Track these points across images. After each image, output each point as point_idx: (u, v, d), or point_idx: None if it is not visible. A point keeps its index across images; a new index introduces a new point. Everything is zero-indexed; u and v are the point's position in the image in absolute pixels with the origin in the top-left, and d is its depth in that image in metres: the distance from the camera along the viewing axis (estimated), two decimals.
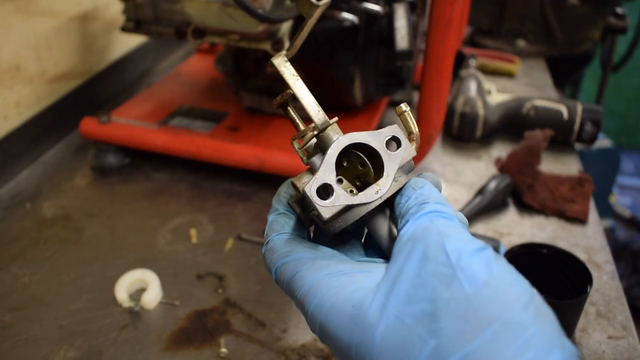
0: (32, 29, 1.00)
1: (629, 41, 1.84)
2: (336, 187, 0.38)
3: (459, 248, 0.32)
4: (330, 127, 0.40)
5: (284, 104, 0.44)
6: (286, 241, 0.40)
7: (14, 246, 0.83)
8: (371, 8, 0.90)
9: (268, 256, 0.40)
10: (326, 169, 0.38)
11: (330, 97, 1.05)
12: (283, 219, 0.42)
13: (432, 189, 0.38)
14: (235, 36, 0.91)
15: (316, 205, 0.37)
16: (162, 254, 0.82)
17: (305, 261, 0.38)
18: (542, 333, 0.29)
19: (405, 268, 0.33)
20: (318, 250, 0.39)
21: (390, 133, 0.40)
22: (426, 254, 0.32)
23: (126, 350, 0.67)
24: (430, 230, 0.34)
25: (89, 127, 1.00)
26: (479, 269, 0.31)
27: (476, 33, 1.60)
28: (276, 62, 0.42)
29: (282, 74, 0.41)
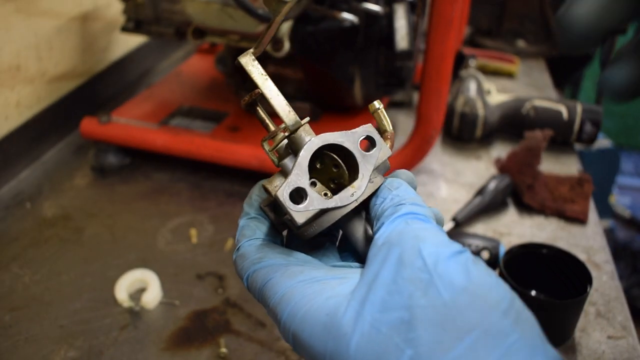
0: (33, 29, 1.00)
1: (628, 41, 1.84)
2: (310, 191, 0.36)
3: (436, 252, 0.31)
4: (302, 128, 0.39)
5: (252, 103, 0.42)
6: (258, 247, 0.39)
7: (14, 246, 0.83)
8: (371, 8, 0.90)
9: (239, 263, 0.39)
10: (299, 172, 0.36)
11: (330, 97, 1.06)
12: (255, 224, 0.41)
13: (408, 190, 0.37)
14: (235, 36, 0.91)
15: (289, 210, 0.35)
16: (162, 254, 0.82)
17: (277, 268, 0.36)
18: (523, 340, 0.28)
19: (380, 274, 0.31)
20: (291, 256, 0.38)
21: (364, 133, 0.39)
22: (402, 259, 0.31)
23: (126, 350, 0.67)
24: (405, 234, 0.32)
25: (89, 127, 1.00)
26: (456, 274, 0.30)
27: (476, 33, 1.60)
28: (243, 61, 0.39)
29: (250, 73, 0.39)
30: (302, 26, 0.92)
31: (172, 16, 1.02)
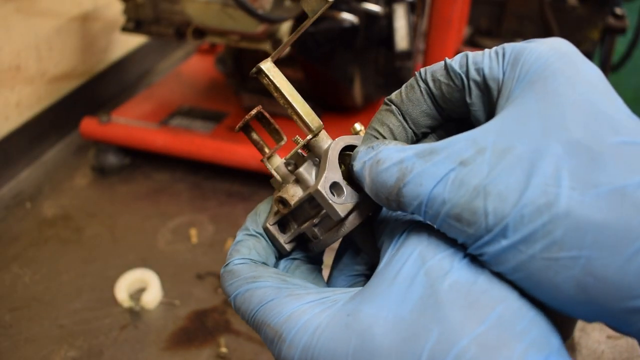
0: (33, 29, 1.00)
1: (628, 41, 1.84)
2: (344, 185, 0.36)
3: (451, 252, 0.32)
4: (323, 132, 0.39)
5: (246, 126, 0.42)
6: (252, 266, 0.38)
7: (14, 246, 0.83)
8: (371, 8, 0.90)
9: (228, 279, 0.37)
10: (332, 168, 0.36)
11: (330, 97, 1.06)
12: (251, 242, 0.40)
13: None
14: (235, 36, 0.91)
15: (332, 203, 0.35)
16: (162, 254, 0.82)
17: (277, 290, 0.35)
18: (541, 316, 0.30)
19: (402, 270, 0.32)
20: (287, 279, 0.37)
21: None
22: (422, 254, 0.32)
23: (126, 350, 0.67)
24: (422, 234, 0.33)
25: (89, 127, 1.00)
26: (467, 271, 0.31)
27: (476, 33, 1.60)
28: (265, 67, 0.38)
29: (272, 78, 0.38)
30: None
31: (172, 16, 1.02)
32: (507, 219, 0.29)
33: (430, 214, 0.32)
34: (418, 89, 0.37)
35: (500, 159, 0.30)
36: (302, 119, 0.39)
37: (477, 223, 0.30)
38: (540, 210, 0.28)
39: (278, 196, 0.39)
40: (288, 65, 1.06)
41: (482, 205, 0.29)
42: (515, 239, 0.29)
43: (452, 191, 0.30)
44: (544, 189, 0.28)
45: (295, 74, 1.06)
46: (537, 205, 0.28)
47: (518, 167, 0.29)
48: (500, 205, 0.29)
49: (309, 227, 0.39)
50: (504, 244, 0.29)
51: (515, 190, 0.29)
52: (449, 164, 0.31)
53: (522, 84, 0.33)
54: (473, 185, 0.30)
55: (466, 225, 0.30)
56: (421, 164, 0.32)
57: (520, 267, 0.29)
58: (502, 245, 0.29)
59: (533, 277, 0.29)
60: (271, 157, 0.41)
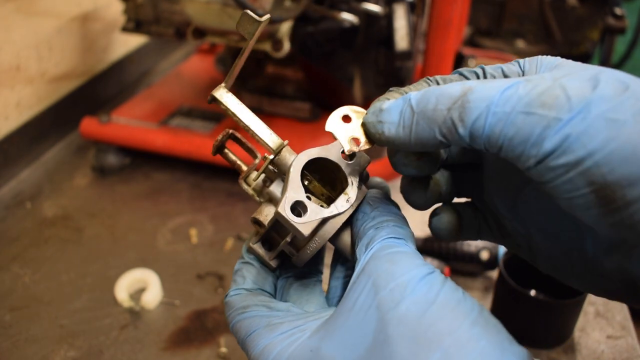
0: (33, 29, 1.00)
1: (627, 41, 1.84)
2: (308, 203, 0.37)
3: (408, 274, 0.32)
4: (285, 149, 0.39)
5: (221, 147, 0.43)
6: (243, 296, 0.41)
7: (14, 246, 0.83)
8: (371, 9, 0.90)
9: (226, 310, 0.41)
10: (294, 187, 0.37)
11: (330, 97, 1.06)
12: (246, 270, 0.42)
13: (387, 207, 0.39)
14: (235, 36, 0.91)
15: (294, 223, 0.35)
16: (162, 254, 0.82)
17: (260, 320, 0.38)
18: (493, 344, 0.29)
19: (356, 302, 0.33)
20: (272, 307, 0.39)
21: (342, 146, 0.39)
22: (376, 284, 0.33)
23: (126, 350, 0.67)
24: (380, 260, 0.34)
25: (89, 127, 1.00)
26: (426, 292, 0.31)
27: (476, 33, 1.60)
28: (217, 94, 0.39)
29: (226, 105, 0.39)
30: (302, 26, 0.93)
31: (172, 16, 1.02)
32: (590, 98, 0.29)
33: (500, 113, 0.30)
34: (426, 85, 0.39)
35: (561, 76, 0.30)
36: (261, 140, 0.40)
37: (559, 105, 0.29)
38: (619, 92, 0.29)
39: (252, 217, 0.41)
40: (288, 65, 1.06)
41: (562, 91, 0.29)
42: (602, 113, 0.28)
43: (526, 88, 0.30)
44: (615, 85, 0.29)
45: (295, 74, 1.06)
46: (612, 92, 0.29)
47: (582, 76, 0.30)
48: (580, 92, 0.29)
49: (285, 245, 0.40)
50: (588, 121, 0.28)
51: (587, 87, 0.29)
52: (514, 80, 0.31)
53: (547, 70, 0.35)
54: (547, 83, 0.30)
55: (547, 109, 0.29)
56: (483, 82, 0.32)
57: (605, 144, 0.28)
58: (587, 123, 0.28)
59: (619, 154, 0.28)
60: (248, 176, 0.42)
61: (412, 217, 0.97)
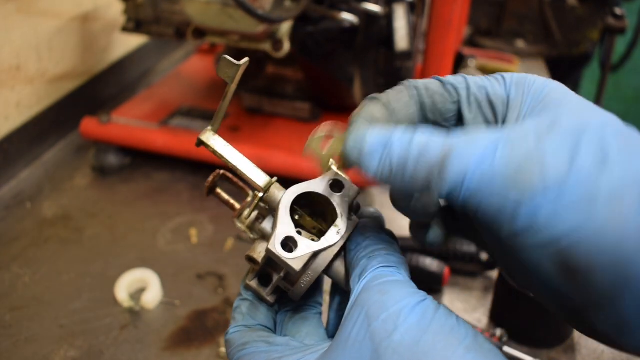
0: (33, 29, 1.00)
1: (627, 41, 1.84)
2: (298, 238, 0.37)
3: (400, 303, 0.33)
4: (274, 185, 0.40)
5: (212, 188, 0.44)
6: (242, 333, 0.41)
7: (14, 246, 0.83)
8: (371, 9, 0.90)
9: (227, 348, 0.41)
10: (283, 223, 0.38)
11: (330, 97, 1.06)
12: (244, 307, 0.43)
13: (379, 234, 0.39)
14: (235, 36, 0.91)
15: (285, 259, 0.36)
16: (162, 254, 0.82)
17: (259, 356, 0.39)
18: None
19: (351, 334, 0.33)
20: (272, 342, 0.40)
21: (330, 177, 0.40)
22: (369, 315, 0.33)
23: (126, 350, 0.67)
24: (372, 290, 0.34)
25: (89, 127, 1.00)
26: (419, 320, 0.31)
27: (476, 33, 1.60)
28: (204, 138, 0.40)
29: (213, 147, 0.40)
30: (302, 26, 0.93)
31: (172, 16, 1.02)
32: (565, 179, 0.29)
33: (476, 184, 0.31)
34: (406, 94, 0.37)
35: (544, 133, 0.30)
36: (249, 180, 0.41)
37: (533, 184, 0.29)
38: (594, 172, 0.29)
39: (246, 255, 0.42)
40: (288, 65, 1.06)
41: (539, 166, 0.29)
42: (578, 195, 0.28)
43: (504, 155, 0.30)
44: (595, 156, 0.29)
45: (295, 74, 1.06)
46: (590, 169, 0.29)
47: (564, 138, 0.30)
48: (556, 168, 0.29)
49: (280, 281, 0.41)
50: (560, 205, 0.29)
51: (565, 159, 0.29)
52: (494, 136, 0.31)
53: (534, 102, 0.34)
54: (528, 148, 0.30)
55: (521, 186, 0.29)
56: (464, 139, 0.32)
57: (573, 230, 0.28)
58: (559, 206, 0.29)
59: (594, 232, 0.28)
60: (241, 214, 0.43)
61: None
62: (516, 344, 0.68)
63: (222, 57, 0.39)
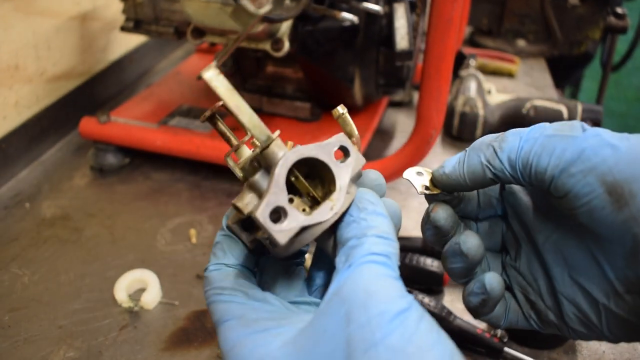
0: (32, 28, 1.00)
1: (629, 41, 1.84)
2: (289, 209, 0.35)
3: (382, 311, 0.31)
4: (274, 143, 0.37)
5: (212, 116, 0.41)
6: (222, 273, 0.40)
7: (13, 246, 0.83)
8: (371, 8, 0.90)
9: (205, 285, 0.40)
10: (276, 190, 0.35)
11: (330, 97, 1.05)
12: (227, 243, 0.41)
13: (375, 212, 0.37)
14: (235, 36, 0.91)
15: (271, 231, 0.34)
16: (162, 254, 0.82)
17: (234, 308, 0.37)
18: None
19: (327, 329, 0.32)
20: (250, 295, 0.38)
21: (337, 143, 0.38)
22: (349, 315, 0.32)
23: (126, 351, 0.67)
24: (357, 286, 0.33)
25: (88, 126, 0.99)
26: (397, 335, 0.30)
27: (476, 33, 1.60)
28: (208, 75, 0.36)
29: (215, 89, 0.36)
30: (302, 26, 0.92)
31: (172, 16, 1.01)
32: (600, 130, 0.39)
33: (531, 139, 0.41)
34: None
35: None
36: (250, 131, 0.37)
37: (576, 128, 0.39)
38: None
39: (232, 203, 0.38)
40: (288, 65, 1.06)
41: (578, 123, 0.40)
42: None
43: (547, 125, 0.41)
44: None
45: (295, 73, 1.06)
46: None
47: None
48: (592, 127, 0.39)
49: (263, 239, 0.39)
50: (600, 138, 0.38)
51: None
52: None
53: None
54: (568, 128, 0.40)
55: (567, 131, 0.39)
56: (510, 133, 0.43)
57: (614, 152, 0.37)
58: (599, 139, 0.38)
59: None
60: (238, 150, 0.41)
61: (413, 217, 0.96)
62: (517, 344, 0.68)
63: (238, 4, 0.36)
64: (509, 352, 0.65)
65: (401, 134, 1.13)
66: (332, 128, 1.03)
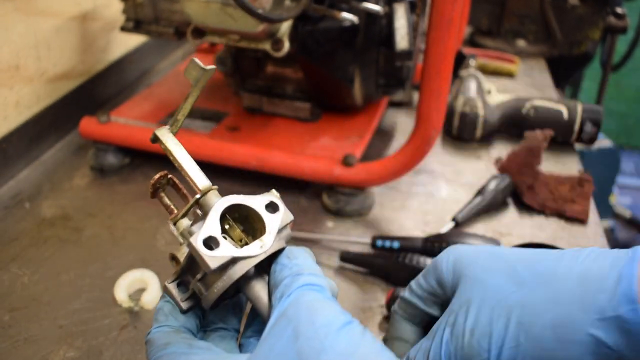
0: (32, 28, 1.00)
1: (629, 41, 1.84)
2: (221, 239, 0.38)
3: (328, 323, 0.33)
4: (212, 192, 0.42)
5: (157, 189, 0.46)
6: (165, 334, 0.42)
7: (13, 246, 0.83)
8: (371, 8, 0.90)
9: (147, 348, 0.42)
10: (210, 223, 0.39)
11: (330, 97, 1.05)
12: (167, 308, 0.44)
13: (306, 259, 0.40)
14: (235, 36, 0.91)
15: (203, 255, 0.37)
16: (162, 254, 0.82)
17: (180, 355, 0.39)
18: None
19: (275, 346, 0.33)
20: (194, 345, 0.40)
21: (268, 198, 0.42)
22: (296, 331, 0.33)
23: (126, 350, 0.67)
24: (300, 306, 0.35)
25: (88, 126, 0.99)
26: (345, 343, 0.32)
27: (476, 33, 1.60)
28: (159, 133, 0.44)
29: (165, 143, 0.43)
30: (302, 26, 0.92)
31: (172, 16, 1.01)
32: None
33: None
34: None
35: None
36: (191, 180, 0.42)
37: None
38: None
39: (170, 253, 0.43)
40: (288, 65, 1.06)
41: None
42: None
43: None
44: None
45: (295, 73, 1.06)
46: None
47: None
48: None
49: (195, 283, 0.41)
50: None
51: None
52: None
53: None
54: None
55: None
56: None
57: None
58: None
59: None
60: (178, 221, 0.44)
61: (413, 217, 0.96)
62: None
63: (192, 59, 0.40)
64: None
65: (401, 134, 1.13)
66: (332, 128, 1.03)
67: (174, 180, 0.47)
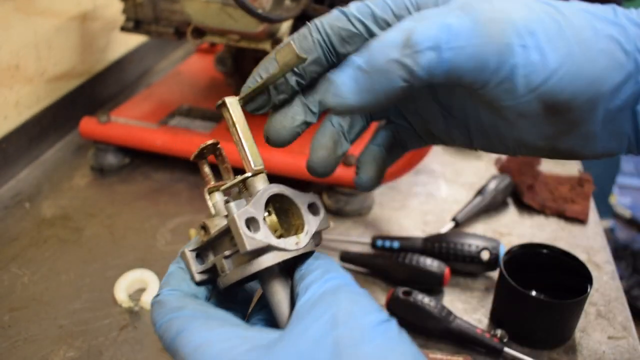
0: (32, 28, 1.00)
1: None
2: (262, 224, 0.37)
3: (369, 317, 0.33)
4: (262, 175, 0.41)
5: (201, 154, 0.44)
6: (179, 297, 0.39)
7: (13, 246, 0.83)
8: None
9: (156, 309, 0.38)
10: (256, 206, 0.37)
11: None
12: (183, 274, 0.41)
13: (333, 263, 0.38)
14: (235, 36, 0.91)
15: (243, 233, 0.36)
16: (162, 254, 0.82)
17: (196, 319, 0.35)
18: None
19: (311, 328, 0.32)
20: (211, 311, 0.37)
21: (312, 199, 0.41)
22: (336, 318, 0.32)
23: (126, 350, 0.67)
24: (341, 295, 0.34)
25: (88, 126, 0.99)
26: (383, 340, 0.32)
27: None
28: (229, 101, 0.41)
29: (231, 112, 0.41)
30: (302, 26, 0.92)
31: (172, 16, 1.01)
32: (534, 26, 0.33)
33: (456, 48, 0.32)
34: (310, 40, 0.40)
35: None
36: (247, 157, 0.41)
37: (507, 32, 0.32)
38: None
39: (202, 221, 0.41)
40: None
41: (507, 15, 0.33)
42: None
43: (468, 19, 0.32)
44: None
45: None
46: None
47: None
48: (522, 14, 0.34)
49: (220, 259, 0.40)
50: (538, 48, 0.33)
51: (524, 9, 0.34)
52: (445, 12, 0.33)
53: None
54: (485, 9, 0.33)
55: (498, 37, 0.32)
56: (418, 20, 0.33)
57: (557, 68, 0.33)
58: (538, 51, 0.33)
59: None
60: (213, 192, 0.43)
61: (413, 217, 0.96)
62: (517, 344, 0.68)
63: (290, 42, 0.38)
64: (508, 352, 0.65)
65: None
66: None
67: (222, 152, 0.45)
